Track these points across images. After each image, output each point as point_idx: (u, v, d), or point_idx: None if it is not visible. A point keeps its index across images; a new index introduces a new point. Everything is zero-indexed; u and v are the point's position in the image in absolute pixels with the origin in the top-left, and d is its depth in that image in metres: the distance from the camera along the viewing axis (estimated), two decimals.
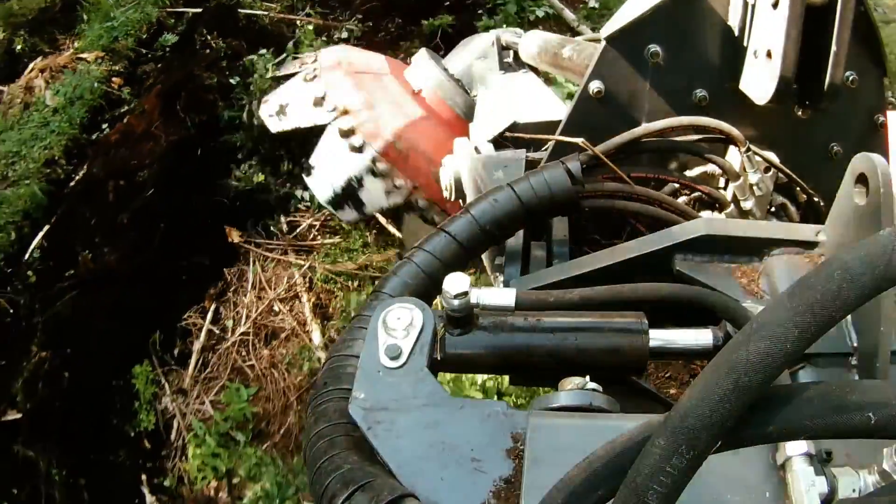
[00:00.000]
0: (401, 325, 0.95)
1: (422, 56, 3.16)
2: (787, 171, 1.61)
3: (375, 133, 2.95)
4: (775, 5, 1.37)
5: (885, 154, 1.72)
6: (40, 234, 3.56)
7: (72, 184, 3.73)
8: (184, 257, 4.00)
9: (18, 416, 3.31)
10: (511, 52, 2.68)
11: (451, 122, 2.93)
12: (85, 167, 3.86)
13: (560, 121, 1.61)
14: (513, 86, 2.54)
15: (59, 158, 3.83)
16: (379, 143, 2.93)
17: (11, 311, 3.32)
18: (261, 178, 4.02)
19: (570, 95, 3.27)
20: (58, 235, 3.60)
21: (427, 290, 1.21)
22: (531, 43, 2.44)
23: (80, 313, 3.58)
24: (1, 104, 4.27)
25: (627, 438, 0.63)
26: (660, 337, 1.02)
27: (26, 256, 3.47)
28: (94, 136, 3.90)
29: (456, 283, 0.96)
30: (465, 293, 0.97)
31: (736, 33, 1.52)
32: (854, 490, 0.73)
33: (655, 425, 0.60)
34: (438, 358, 0.99)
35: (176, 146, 4.02)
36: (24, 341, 3.42)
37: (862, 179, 1.06)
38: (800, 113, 1.63)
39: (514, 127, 1.96)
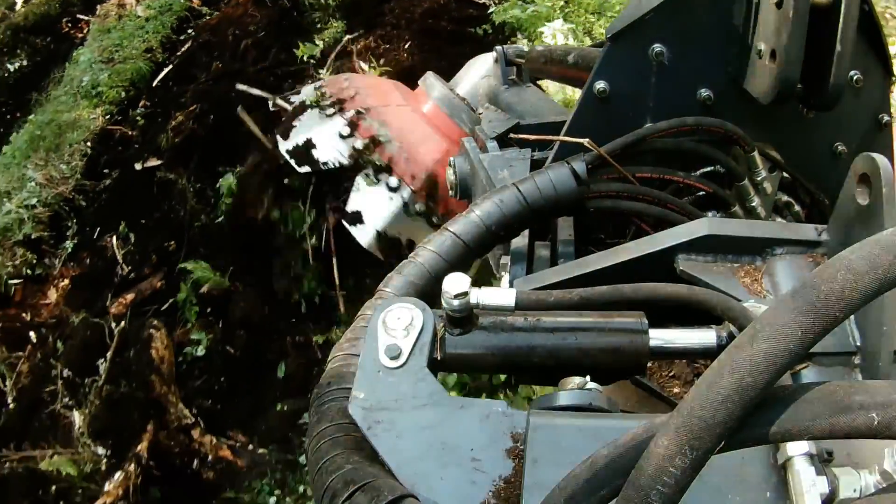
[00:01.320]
0: (401, 324, 0.95)
1: (428, 78, 3.18)
2: (792, 170, 1.61)
3: (406, 171, 3.01)
4: (779, 5, 1.37)
5: (890, 154, 1.72)
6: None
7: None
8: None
9: (158, 162, 4.33)
10: (515, 69, 2.69)
11: (459, 140, 2.96)
12: (186, 46, 4.98)
13: (564, 121, 1.61)
14: (517, 98, 2.55)
15: (155, 48, 4.93)
16: (415, 181, 2.98)
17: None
18: None
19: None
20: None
21: (432, 289, 1.21)
22: (537, 54, 2.45)
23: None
24: (97, 17, 5.27)
25: (630, 438, 0.63)
26: (660, 337, 1.02)
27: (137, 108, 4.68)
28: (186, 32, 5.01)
29: (456, 283, 0.97)
30: (465, 293, 0.97)
31: (740, 33, 1.52)
32: (855, 490, 0.73)
33: (658, 425, 0.60)
34: (438, 358, 0.99)
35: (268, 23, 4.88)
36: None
37: (864, 179, 1.06)
38: (804, 113, 1.63)
39: (518, 127, 1.96)
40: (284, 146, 3.15)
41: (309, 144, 3.11)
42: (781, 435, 0.58)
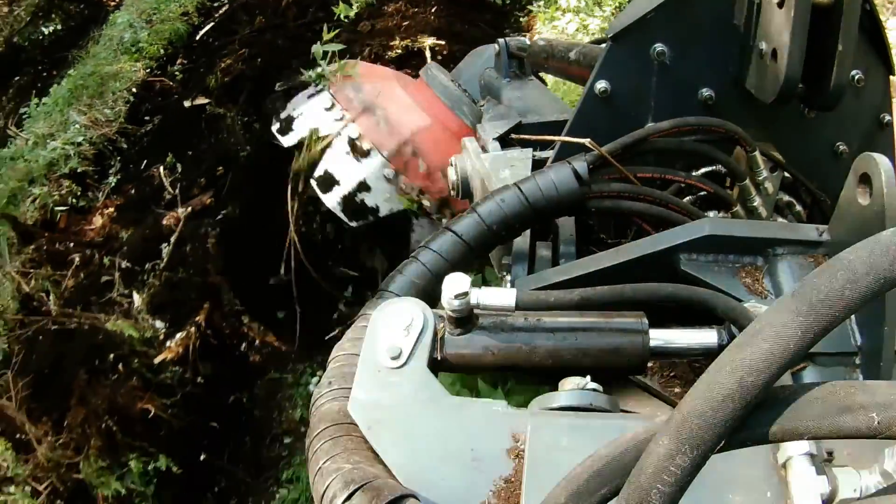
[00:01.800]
0: (401, 324, 0.96)
1: (429, 69, 3.18)
2: (793, 170, 1.61)
3: (382, 139, 2.97)
4: (781, 4, 1.37)
5: (891, 153, 1.72)
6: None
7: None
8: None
9: (207, 100, 4.52)
10: (516, 62, 2.68)
11: (460, 132, 2.94)
12: (223, 9, 5.18)
13: (566, 121, 1.61)
14: (519, 93, 2.55)
15: (192, 13, 5.13)
16: (386, 149, 2.95)
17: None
18: None
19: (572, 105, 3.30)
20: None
21: (433, 289, 1.21)
22: (539, 49, 2.45)
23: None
24: None
25: (631, 437, 0.63)
26: (660, 337, 1.02)
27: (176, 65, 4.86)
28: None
29: (456, 283, 0.97)
30: (465, 293, 0.97)
31: (741, 32, 1.52)
32: (855, 490, 0.73)
33: (659, 425, 0.60)
34: (439, 358, 0.99)
35: None
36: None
37: (865, 179, 1.06)
38: (805, 112, 1.63)
39: (519, 126, 1.96)
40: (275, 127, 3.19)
41: (290, 121, 3.16)
42: (782, 435, 0.58)
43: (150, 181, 4.29)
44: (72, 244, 3.84)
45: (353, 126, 3.04)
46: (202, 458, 3.63)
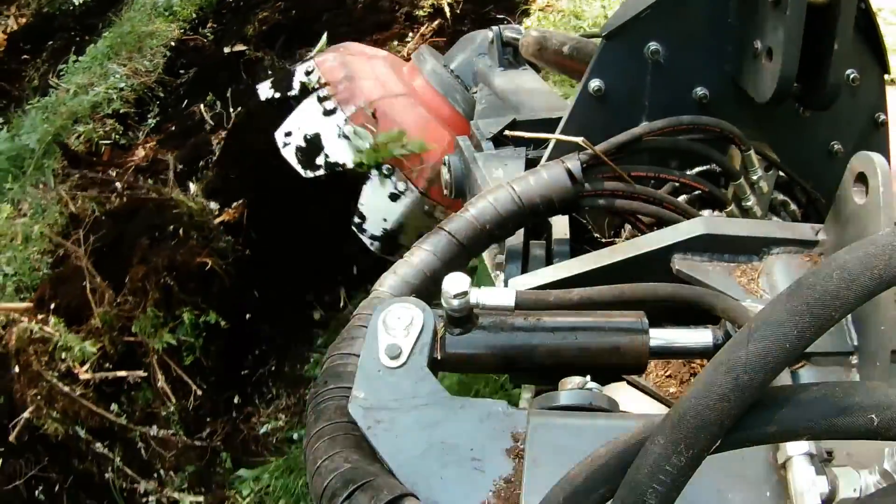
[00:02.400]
0: (401, 324, 0.95)
1: (422, 52, 3.14)
2: (788, 169, 1.61)
3: (348, 99, 2.95)
4: (776, 3, 1.37)
5: (887, 153, 1.71)
6: None
7: None
8: None
9: (245, 47, 4.86)
10: (511, 49, 2.67)
11: (451, 119, 2.92)
12: None
13: (560, 118, 1.60)
14: (513, 83, 2.53)
15: None
16: (350, 108, 2.93)
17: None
18: None
19: (565, 96, 3.29)
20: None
21: (427, 289, 1.21)
22: (532, 40, 2.43)
23: None
24: None
25: (629, 437, 0.63)
26: (660, 336, 1.01)
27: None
28: None
29: (455, 282, 0.96)
30: (465, 293, 0.96)
31: (737, 31, 1.51)
32: (855, 490, 0.73)
33: (655, 424, 0.60)
34: (439, 358, 0.99)
35: None
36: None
37: (861, 178, 1.06)
38: (801, 111, 1.62)
39: (514, 124, 1.95)
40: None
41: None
42: (779, 435, 0.58)
43: (191, 116, 4.63)
44: (116, 172, 4.18)
45: (324, 89, 3.02)
46: (247, 317, 3.98)
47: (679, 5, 1.49)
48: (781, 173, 1.61)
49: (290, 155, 3.02)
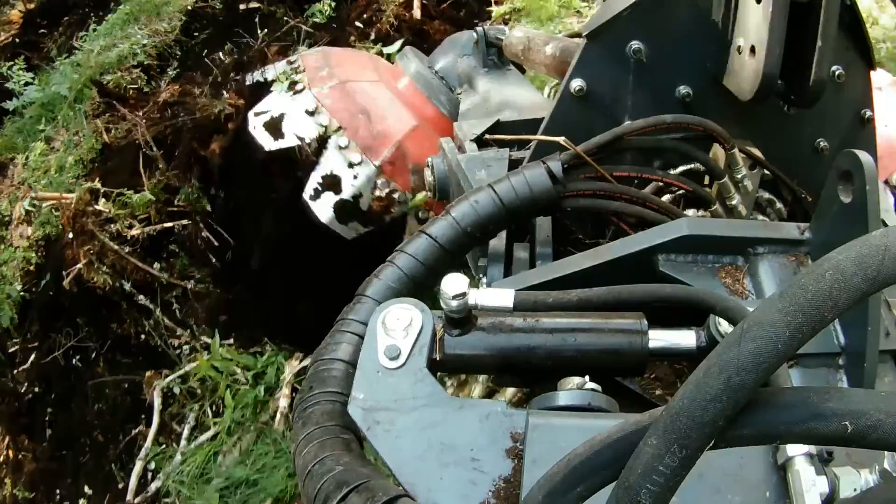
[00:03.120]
0: (400, 325, 0.96)
1: (406, 54, 3.12)
2: (773, 168, 1.59)
3: (372, 147, 2.93)
4: (758, 0, 1.35)
5: (873, 150, 1.70)
6: None
7: None
8: None
9: (258, 4, 5.14)
10: (496, 50, 2.65)
11: (435, 121, 2.90)
12: None
13: (543, 119, 1.58)
14: (497, 84, 2.51)
15: None
16: (377, 158, 2.91)
17: None
18: None
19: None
20: None
21: (411, 293, 1.20)
22: (515, 40, 2.42)
23: None
24: None
25: (605, 437, 0.63)
26: (660, 338, 1.01)
27: None
28: None
29: (454, 283, 0.96)
30: (464, 294, 0.96)
31: (719, 28, 1.50)
32: (855, 490, 0.73)
33: (632, 424, 0.61)
34: (437, 358, 0.99)
35: None
36: None
37: (847, 176, 1.04)
38: (785, 109, 1.61)
39: (497, 126, 1.93)
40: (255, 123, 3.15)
41: (276, 123, 3.14)
42: (756, 437, 0.58)
43: (213, 62, 4.94)
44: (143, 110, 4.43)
45: (340, 135, 3.00)
46: None
47: (660, 4, 1.48)
48: (766, 171, 1.60)
49: (326, 220, 3.01)
